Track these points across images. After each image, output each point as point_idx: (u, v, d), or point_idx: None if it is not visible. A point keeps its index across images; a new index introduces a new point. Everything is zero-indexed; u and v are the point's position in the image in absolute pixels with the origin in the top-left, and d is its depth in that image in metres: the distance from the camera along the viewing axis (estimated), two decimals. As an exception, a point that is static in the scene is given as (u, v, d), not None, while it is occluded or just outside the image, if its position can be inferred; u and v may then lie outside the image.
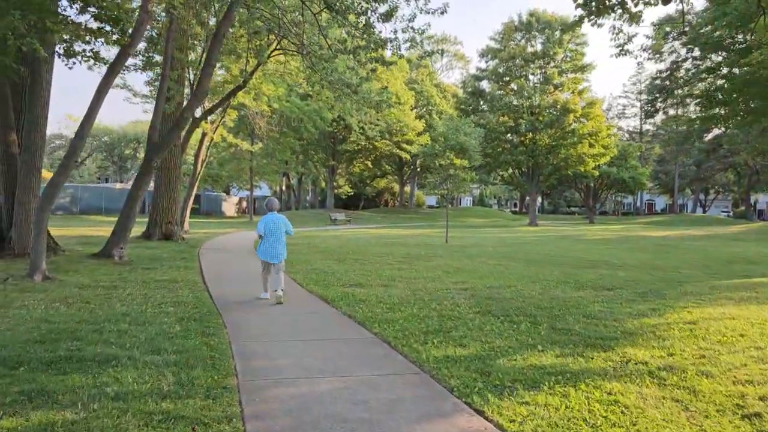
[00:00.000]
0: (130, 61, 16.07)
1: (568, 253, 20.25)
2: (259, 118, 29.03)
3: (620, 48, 14.20)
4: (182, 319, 7.28)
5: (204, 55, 17.86)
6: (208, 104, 23.09)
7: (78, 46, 11.01)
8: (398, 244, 22.77)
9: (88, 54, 10.93)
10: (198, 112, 23.19)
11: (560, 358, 5.95)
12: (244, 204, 56.40)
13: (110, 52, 19.91)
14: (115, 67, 10.52)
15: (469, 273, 13.48)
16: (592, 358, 5.95)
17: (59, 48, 12.34)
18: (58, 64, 13.08)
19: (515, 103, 46.56)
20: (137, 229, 22.13)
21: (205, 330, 6.73)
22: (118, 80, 26.86)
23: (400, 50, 16.05)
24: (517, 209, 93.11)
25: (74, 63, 13.16)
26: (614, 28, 13.66)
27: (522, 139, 46.32)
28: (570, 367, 5.60)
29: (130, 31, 10.82)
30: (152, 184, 17.96)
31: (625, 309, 8.84)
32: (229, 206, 55.45)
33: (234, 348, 6.04)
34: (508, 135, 46.76)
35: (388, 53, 17.00)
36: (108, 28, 10.00)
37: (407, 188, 69.89)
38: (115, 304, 8.32)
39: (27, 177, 12.63)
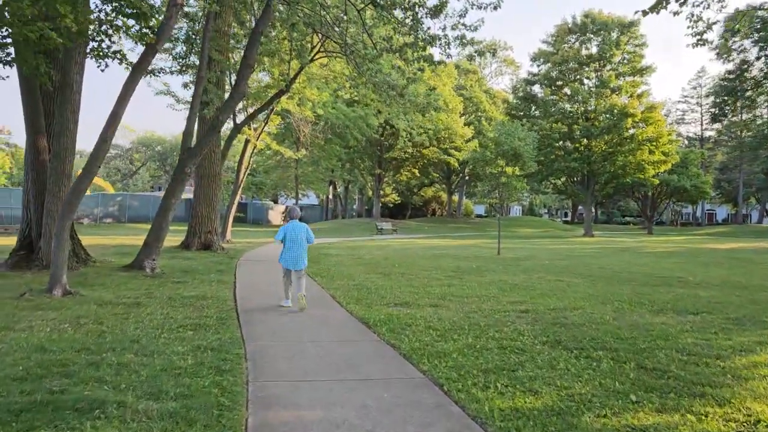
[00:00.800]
0: (166, 63, 15.32)
1: (633, 267, 18.57)
2: (303, 124, 28.27)
3: (698, 37, 12.66)
4: (198, 348, 6.25)
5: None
6: (250, 109, 22.38)
7: (105, 45, 10.23)
8: (447, 256, 21.50)
9: (115, 54, 10.15)
10: (240, 118, 22.51)
11: (663, 414, 4.61)
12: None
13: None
14: (140, 65, 9.69)
15: (527, 291, 12.12)
16: (706, 416, 4.59)
17: (90, 47, 11.69)
18: (96, 68, 12.35)
19: (569, 108, 44.61)
20: (176, 239, 21.59)
21: (220, 364, 5.66)
22: (160, 86, 26.32)
23: (449, 48, 14.86)
24: (569, 219, 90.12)
25: (106, 65, 12.50)
26: (692, 15, 12.21)
27: (576, 145, 44.28)
28: (680, 431, 4.27)
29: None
30: (190, 192, 17.23)
31: (723, 341, 7.36)
32: (276, 215, 55.11)
33: (251, 390, 4.94)
34: (562, 141, 44.75)
35: (436, 53, 15.81)
36: (132, 22, 9.18)
37: (455, 197, 68.36)
38: (129, 326, 7.37)
39: (56, 184, 11.97)
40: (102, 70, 12.04)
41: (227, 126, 27.72)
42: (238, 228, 39.46)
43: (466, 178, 61.83)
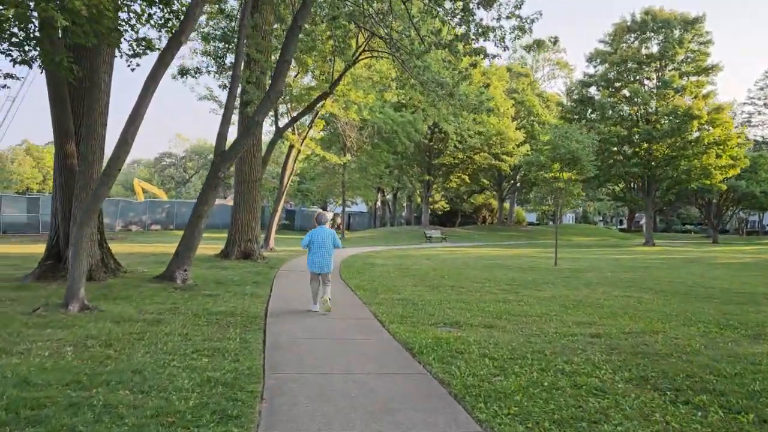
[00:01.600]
0: (202, 62, 14.60)
1: (708, 281, 16.82)
2: (349, 129, 27.38)
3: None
4: (208, 383, 5.22)
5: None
6: (293, 113, 21.60)
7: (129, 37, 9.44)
8: (500, 266, 20.13)
9: (140, 43, 9.37)
10: (283, 122, 21.76)
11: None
12: (339, 220, 55.33)
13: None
14: (164, 59, 8.85)
15: (594, 309, 10.74)
16: None
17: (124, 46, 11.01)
18: (126, 67, 11.65)
19: (628, 110, 42.33)
20: (217, 247, 20.92)
21: (228, 406, 4.61)
22: (203, 90, 25.78)
23: (504, 42, 13.61)
24: (626, 227, 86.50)
25: (137, 65, 11.80)
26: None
27: (636, 149, 41.95)
28: None
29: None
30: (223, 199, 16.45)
31: None
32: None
33: (258, 450, 3.86)
34: (620, 146, 42.39)
35: (489, 48, 14.58)
36: (154, 10, 8.35)
37: (506, 204, 66.42)
38: (138, 351, 6.44)
39: (83, 190, 11.25)
40: (132, 69, 11.32)
41: (269, 129, 26.96)
42: (284, 236, 38.93)
43: (518, 184, 59.93)
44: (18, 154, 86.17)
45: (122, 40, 10.25)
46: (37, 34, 10.44)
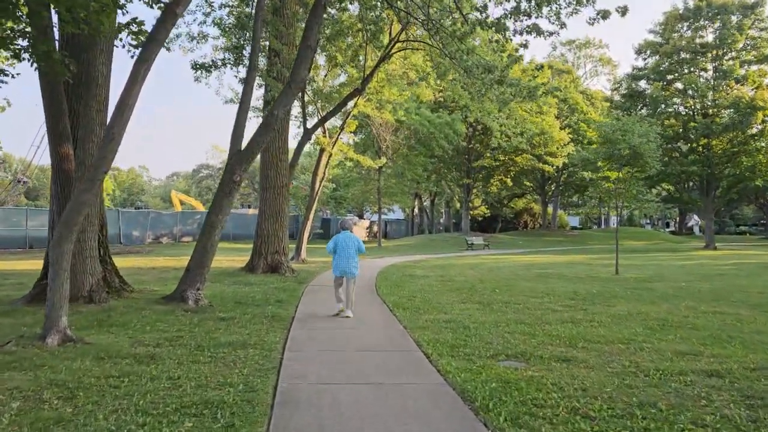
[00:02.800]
0: (218, 54, 13.14)
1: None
2: (384, 131, 25.69)
3: None
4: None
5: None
6: (322, 113, 20.00)
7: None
8: (554, 276, 18.07)
9: (129, 26, 7.84)
10: (311, 123, 20.19)
11: None
12: (375, 228, 53.55)
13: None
14: (156, 35, 7.27)
15: (688, 331, 8.73)
16: None
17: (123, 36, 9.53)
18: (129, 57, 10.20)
19: (682, 104, 39.46)
20: (243, 259, 19.40)
21: None
22: (229, 93, 24.29)
23: (560, 17, 11.72)
24: (675, 230, 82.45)
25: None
26: None
27: (693, 145, 39.07)
28: None
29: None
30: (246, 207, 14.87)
31: None
32: (360, 230, 52.94)
33: None
34: (674, 142, 39.51)
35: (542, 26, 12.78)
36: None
37: (549, 208, 63.71)
38: (105, 407, 4.82)
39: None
40: (133, 56, 9.78)
41: (297, 132, 25.17)
42: (318, 245, 37.40)
43: (561, 187, 57.33)
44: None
45: (116, 23, 8.73)
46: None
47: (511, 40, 12.18)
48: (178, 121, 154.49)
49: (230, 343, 7.48)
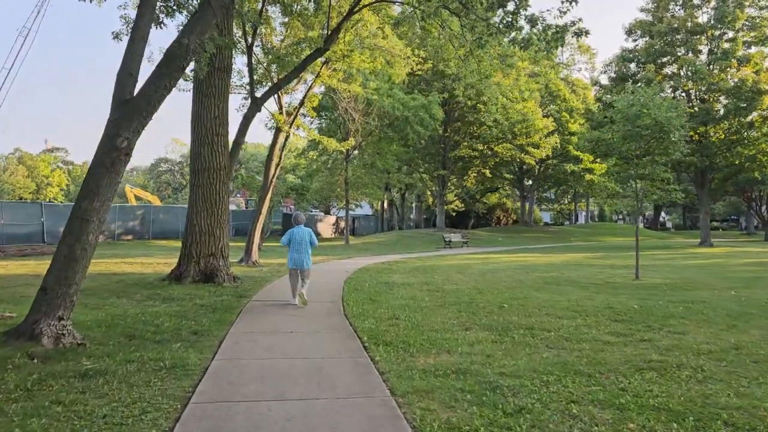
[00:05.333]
0: None
1: None
2: (353, 109, 21.84)
3: None
4: None
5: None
6: (276, 78, 16.03)
7: None
8: (565, 282, 14.51)
9: None
10: (262, 93, 16.20)
11: None
12: (342, 224, 49.48)
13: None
14: None
15: None
16: None
17: None
18: None
19: (676, 88, 36.39)
20: (172, 262, 15.34)
21: None
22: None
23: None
24: (650, 225, 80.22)
25: None
26: None
27: (691, 133, 36.13)
28: None
29: None
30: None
31: None
32: (326, 227, 48.80)
33: None
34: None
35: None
36: None
37: (522, 204, 60.55)
38: None
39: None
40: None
41: (235, 101, 20.70)
42: (277, 243, 33.25)
43: (539, 181, 54.25)
44: (11, 163, 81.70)
45: None
46: None
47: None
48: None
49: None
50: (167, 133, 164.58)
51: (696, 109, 34.37)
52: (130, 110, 6.75)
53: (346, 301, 10.84)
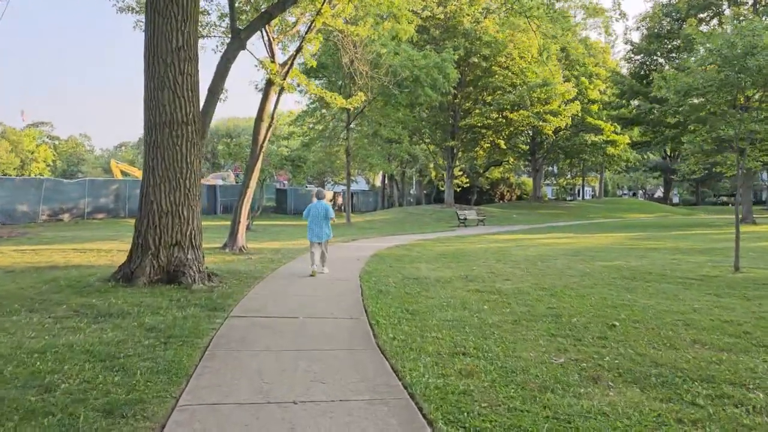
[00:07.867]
0: None
1: None
2: (359, 62, 18.04)
3: None
4: None
5: None
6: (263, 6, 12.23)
7: None
8: (651, 276, 10.87)
9: None
10: (244, 24, 12.39)
11: None
12: (340, 200, 45.63)
13: None
14: None
15: None
16: None
17: None
18: None
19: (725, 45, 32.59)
20: (123, 253, 11.58)
21: None
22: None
23: None
24: (664, 199, 76.49)
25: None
26: None
27: (748, 96, 32.29)
28: None
29: None
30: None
31: None
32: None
33: None
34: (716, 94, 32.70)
35: None
36: None
37: (524, 178, 56.95)
38: None
39: None
40: None
41: (211, 44, 16.38)
42: (272, 221, 29.61)
43: (551, 154, 50.55)
44: (-8, 138, 77.41)
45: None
46: None
47: None
48: (128, 90, 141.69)
49: None
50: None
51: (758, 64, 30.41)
52: None
53: (373, 314, 7.26)
